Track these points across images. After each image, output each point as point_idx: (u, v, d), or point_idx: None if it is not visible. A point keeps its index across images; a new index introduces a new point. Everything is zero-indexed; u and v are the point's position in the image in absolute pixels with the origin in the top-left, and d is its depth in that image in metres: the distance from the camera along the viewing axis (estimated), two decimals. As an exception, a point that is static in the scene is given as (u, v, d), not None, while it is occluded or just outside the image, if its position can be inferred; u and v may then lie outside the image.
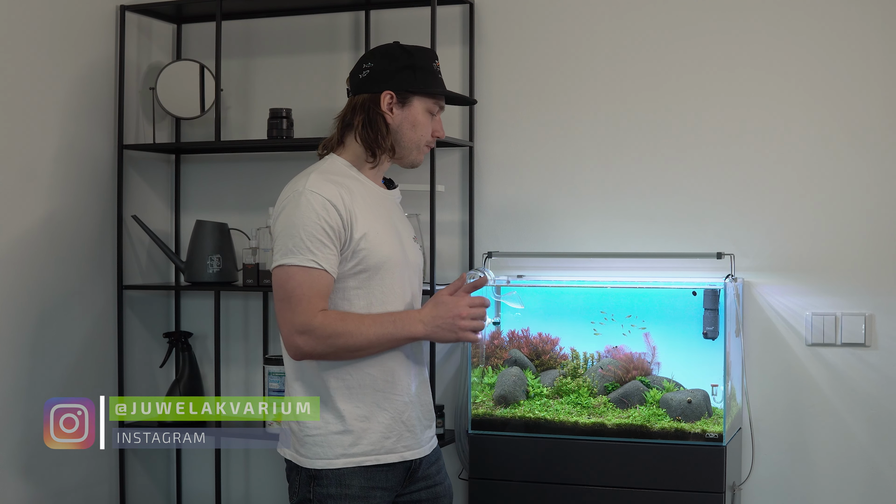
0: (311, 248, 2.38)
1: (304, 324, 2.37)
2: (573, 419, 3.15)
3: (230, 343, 3.86)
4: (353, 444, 2.45)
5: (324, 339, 2.36)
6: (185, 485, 3.94)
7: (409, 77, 2.50)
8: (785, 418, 3.32)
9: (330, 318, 2.38)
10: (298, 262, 2.38)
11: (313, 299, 2.38)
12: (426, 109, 2.54)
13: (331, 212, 2.39)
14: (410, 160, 2.57)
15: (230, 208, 3.84)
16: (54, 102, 3.45)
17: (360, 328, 2.38)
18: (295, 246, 2.38)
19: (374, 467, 2.46)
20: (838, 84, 3.27)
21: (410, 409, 2.50)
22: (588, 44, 3.50)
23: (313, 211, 2.39)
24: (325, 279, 2.40)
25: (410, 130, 2.53)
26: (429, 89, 2.52)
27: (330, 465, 2.45)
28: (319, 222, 2.38)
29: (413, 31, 3.44)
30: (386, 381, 2.47)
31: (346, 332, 2.37)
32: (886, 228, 3.24)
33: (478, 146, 3.60)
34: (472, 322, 2.41)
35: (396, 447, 2.48)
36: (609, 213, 3.46)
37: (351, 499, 2.44)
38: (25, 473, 3.35)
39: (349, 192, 2.44)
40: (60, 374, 3.47)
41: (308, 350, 2.38)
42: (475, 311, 2.42)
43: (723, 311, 3.06)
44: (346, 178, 2.48)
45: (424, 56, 2.54)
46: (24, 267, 3.34)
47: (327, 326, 2.37)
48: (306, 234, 2.38)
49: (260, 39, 3.85)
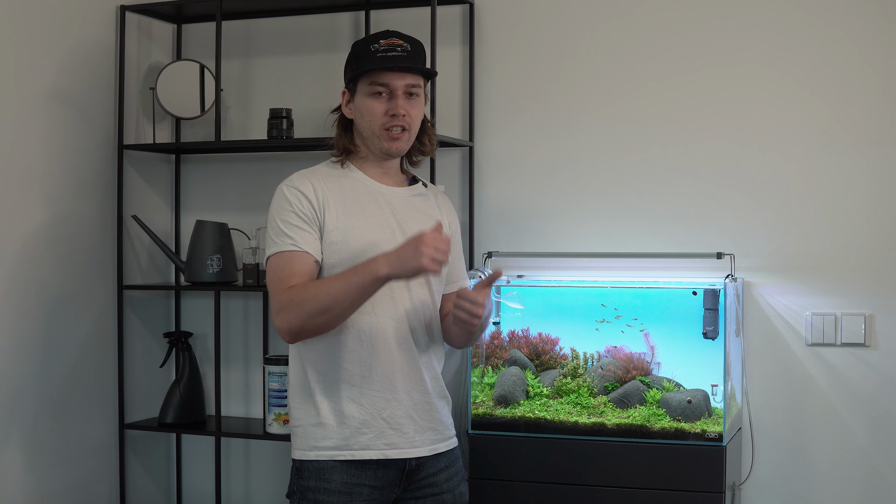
0: (287, 232, 2.45)
1: (276, 303, 2.42)
2: (573, 419, 3.15)
3: (230, 343, 3.86)
4: (324, 437, 2.48)
5: (295, 309, 2.38)
6: (185, 485, 3.94)
7: (351, 68, 2.55)
8: (785, 418, 3.32)
9: (294, 290, 2.40)
10: (278, 249, 2.45)
11: (284, 279, 2.42)
12: (368, 94, 2.52)
13: (301, 200, 2.47)
14: (378, 148, 2.56)
15: (230, 208, 3.84)
16: (54, 102, 3.45)
17: (323, 287, 2.38)
18: (275, 235, 2.47)
19: (357, 463, 2.47)
20: (839, 84, 3.27)
21: (394, 406, 2.50)
22: (588, 44, 3.50)
23: (285, 200, 2.48)
24: (302, 258, 2.44)
25: (360, 119, 2.55)
26: (358, 71, 2.52)
27: (306, 457, 2.50)
28: (291, 209, 2.46)
29: (413, 32, 3.41)
30: (363, 376, 2.48)
31: (311, 296, 2.37)
32: (886, 228, 3.24)
33: (478, 146, 3.60)
34: (433, 251, 2.31)
35: (375, 444, 2.48)
36: (609, 213, 3.46)
37: (331, 493, 2.46)
38: (25, 473, 3.35)
39: (326, 187, 2.50)
40: (60, 373, 3.47)
41: (287, 326, 2.40)
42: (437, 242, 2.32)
43: (723, 311, 3.06)
44: (331, 176, 2.53)
45: (364, 41, 2.55)
46: (25, 267, 3.34)
47: (294, 297, 2.39)
48: (282, 222, 2.46)
49: (260, 39, 3.85)
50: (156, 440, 3.90)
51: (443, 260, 2.34)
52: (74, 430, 3.52)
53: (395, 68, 2.51)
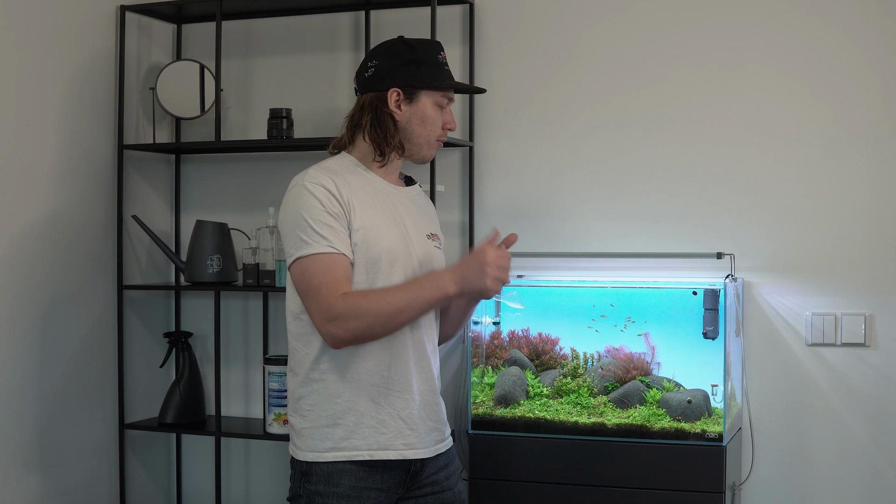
0: (322, 233, 2.40)
1: (328, 310, 2.37)
2: (573, 419, 3.15)
3: (230, 343, 3.86)
4: (344, 438, 2.44)
5: (354, 319, 2.36)
6: (185, 485, 3.94)
7: (414, 72, 2.50)
8: (785, 418, 3.32)
9: (352, 298, 2.38)
10: (313, 251, 2.40)
11: (332, 284, 2.38)
12: (434, 103, 2.53)
13: (331, 199, 2.42)
14: (421, 156, 2.57)
15: (230, 208, 3.84)
16: (54, 102, 3.45)
17: (386, 299, 2.37)
18: (307, 235, 2.40)
19: (368, 464, 2.45)
20: (839, 84, 3.27)
21: (411, 406, 2.49)
22: (588, 44, 3.50)
23: (316, 199, 2.42)
24: (341, 261, 2.41)
25: (420, 126, 2.53)
26: (435, 83, 2.52)
27: (320, 459, 2.45)
28: (322, 208, 2.41)
29: (413, 32, 3.42)
30: (381, 375, 2.46)
31: (374, 307, 2.37)
32: (886, 228, 3.24)
33: (478, 146, 3.60)
34: (496, 271, 2.38)
35: (394, 444, 2.47)
36: (609, 213, 3.46)
37: (339, 497, 2.43)
38: (26, 473, 3.35)
39: (347, 185, 2.46)
40: (60, 374, 3.47)
41: (343, 335, 2.38)
42: (500, 261, 2.39)
43: (723, 311, 3.06)
44: (349, 174, 2.50)
45: (428, 49, 2.54)
46: (25, 267, 3.34)
47: (352, 307, 2.36)
48: (314, 222, 2.40)
49: (260, 39, 3.85)
50: (156, 440, 3.90)
51: (506, 281, 2.41)
52: (74, 430, 3.52)
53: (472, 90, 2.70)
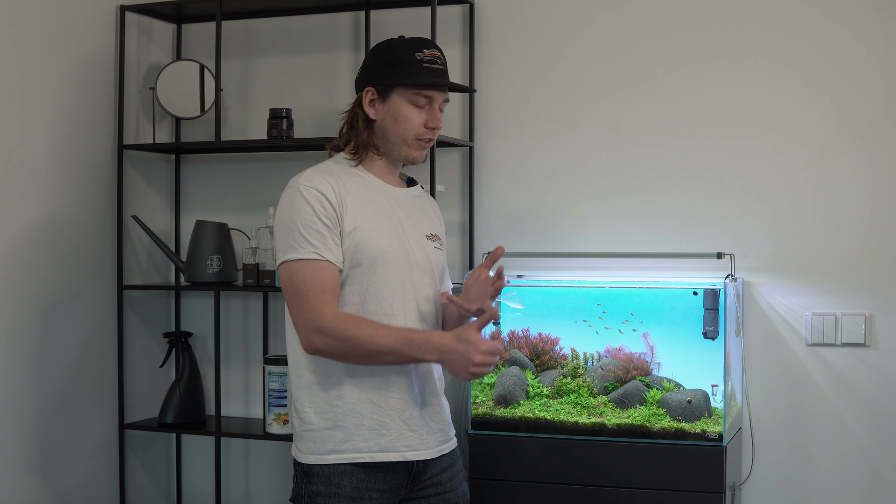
0: (311, 240, 2.41)
1: (315, 321, 2.38)
2: (573, 419, 3.15)
3: (230, 343, 3.86)
4: (344, 440, 2.45)
5: (337, 339, 2.37)
6: (185, 485, 3.94)
7: (387, 70, 2.51)
8: (785, 418, 3.32)
9: (343, 320, 2.39)
10: (300, 256, 2.40)
11: (320, 294, 2.39)
12: (408, 101, 2.51)
13: (324, 203, 2.42)
14: (402, 155, 2.56)
15: (230, 208, 3.84)
16: (54, 102, 3.45)
17: (375, 336, 2.38)
18: (295, 241, 2.41)
19: (370, 466, 2.45)
20: (839, 84, 3.27)
21: (412, 407, 2.50)
22: (588, 44, 3.50)
23: (308, 204, 2.42)
24: (329, 270, 2.41)
25: (393, 125, 2.52)
26: (403, 80, 2.50)
27: (321, 461, 2.46)
28: (316, 214, 2.41)
29: (413, 32, 3.42)
30: (382, 377, 2.47)
31: (362, 339, 2.37)
32: (886, 228, 3.24)
33: (478, 146, 3.60)
34: (479, 369, 2.38)
35: (395, 445, 2.47)
36: (609, 213, 3.46)
37: (340, 498, 2.44)
38: (25, 473, 3.35)
39: (343, 186, 2.46)
40: (60, 374, 3.47)
41: (322, 347, 2.39)
42: (487, 360, 2.38)
43: (723, 311, 3.06)
44: (344, 174, 2.50)
45: (406, 47, 2.53)
46: (25, 267, 3.34)
47: (339, 328, 2.37)
48: (304, 228, 2.41)
49: (260, 39, 3.85)
50: (156, 440, 3.90)
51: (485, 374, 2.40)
52: (74, 430, 3.52)
53: (457, 88, 2.62)
